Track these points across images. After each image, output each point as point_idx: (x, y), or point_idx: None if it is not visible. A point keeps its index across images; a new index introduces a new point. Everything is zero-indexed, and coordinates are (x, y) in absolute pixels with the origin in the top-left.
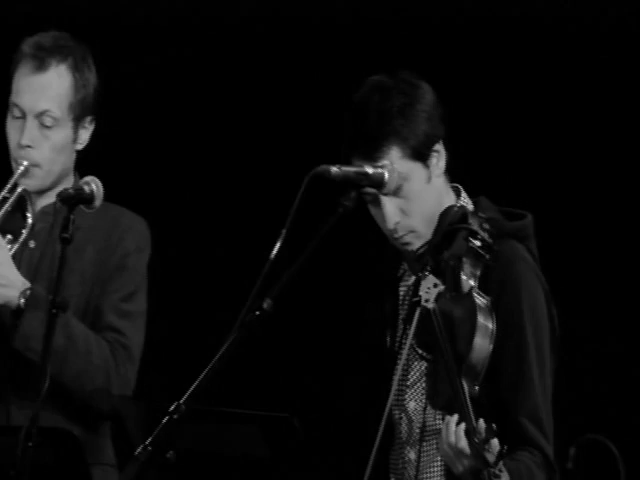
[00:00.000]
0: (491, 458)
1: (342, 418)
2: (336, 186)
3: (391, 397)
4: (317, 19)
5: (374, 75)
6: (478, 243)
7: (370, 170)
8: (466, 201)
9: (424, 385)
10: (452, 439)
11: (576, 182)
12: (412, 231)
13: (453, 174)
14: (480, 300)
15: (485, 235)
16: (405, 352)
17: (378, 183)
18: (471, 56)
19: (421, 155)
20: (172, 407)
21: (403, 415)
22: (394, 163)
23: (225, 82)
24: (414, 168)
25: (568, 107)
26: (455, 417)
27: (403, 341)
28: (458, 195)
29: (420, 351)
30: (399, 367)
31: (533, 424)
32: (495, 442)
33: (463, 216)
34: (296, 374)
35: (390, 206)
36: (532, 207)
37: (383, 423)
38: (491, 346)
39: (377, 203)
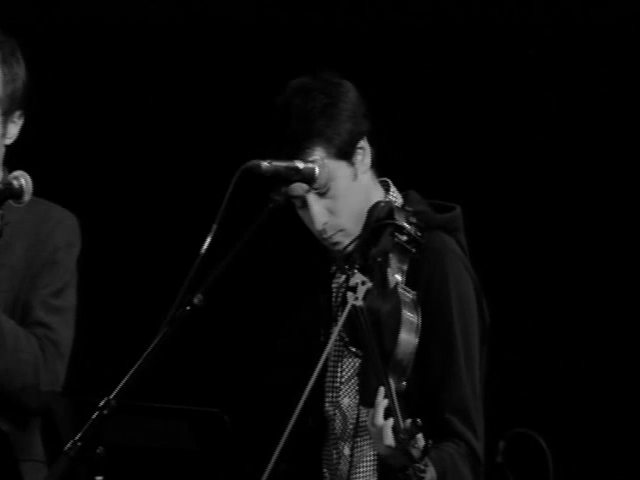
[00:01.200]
0: (417, 454)
1: (269, 413)
2: (267, 181)
3: (307, 391)
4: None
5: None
6: (404, 238)
7: (301, 165)
8: (395, 195)
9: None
10: (379, 421)
11: (508, 175)
12: (341, 230)
13: (383, 168)
14: (405, 295)
15: (412, 229)
16: (328, 348)
17: (309, 178)
18: (399, 49)
19: (346, 153)
20: (102, 403)
21: (337, 411)
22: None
23: (153, 75)
24: (339, 167)
25: (497, 97)
26: (384, 402)
27: (330, 338)
28: (387, 190)
29: (353, 349)
30: (319, 364)
31: (460, 419)
32: (420, 437)
33: (389, 211)
34: (227, 369)
35: (317, 207)
36: (463, 200)
37: (294, 417)
38: (417, 340)
39: (305, 205)
